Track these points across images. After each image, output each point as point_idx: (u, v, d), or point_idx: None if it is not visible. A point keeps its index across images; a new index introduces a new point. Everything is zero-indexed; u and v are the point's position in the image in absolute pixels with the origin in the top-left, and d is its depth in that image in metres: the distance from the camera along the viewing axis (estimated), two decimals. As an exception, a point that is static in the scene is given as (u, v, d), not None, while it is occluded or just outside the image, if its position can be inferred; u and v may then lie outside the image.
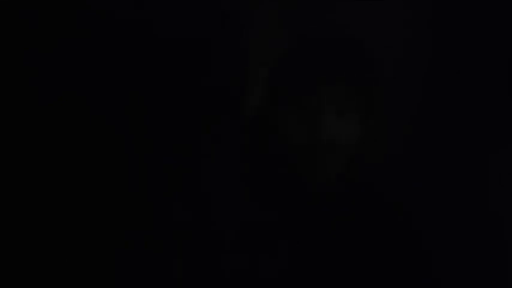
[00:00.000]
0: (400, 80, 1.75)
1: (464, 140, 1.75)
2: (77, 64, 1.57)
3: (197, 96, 1.59)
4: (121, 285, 1.46)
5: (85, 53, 1.57)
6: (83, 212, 1.52)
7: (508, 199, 1.69)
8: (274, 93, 1.50)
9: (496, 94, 1.73)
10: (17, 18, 1.56)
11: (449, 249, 1.66)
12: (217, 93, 1.59)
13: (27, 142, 1.55)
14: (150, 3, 1.60)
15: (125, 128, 1.57)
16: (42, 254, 1.51)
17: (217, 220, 1.46)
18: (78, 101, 1.56)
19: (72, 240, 1.51)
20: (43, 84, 1.56)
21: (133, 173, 1.54)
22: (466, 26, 1.74)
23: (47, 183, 1.54)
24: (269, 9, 1.64)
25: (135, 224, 1.49)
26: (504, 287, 1.66)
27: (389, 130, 1.73)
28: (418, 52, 1.76)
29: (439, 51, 1.76)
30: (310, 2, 1.66)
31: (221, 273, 1.44)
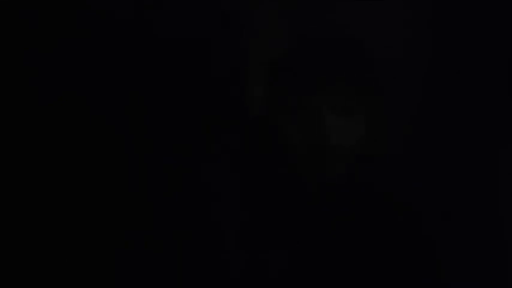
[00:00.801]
0: (400, 80, 1.75)
1: (464, 140, 1.75)
2: (77, 64, 1.57)
3: (197, 96, 1.59)
4: (121, 285, 1.46)
5: (85, 53, 1.57)
6: (83, 212, 1.52)
7: (508, 199, 1.69)
8: (274, 93, 1.50)
9: (496, 94, 1.73)
10: (17, 18, 1.56)
11: (450, 249, 1.66)
12: (217, 94, 1.59)
13: (27, 142, 1.55)
14: (150, 3, 1.60)
15: (125, 128, 1.57)
16: (42, 254, 1.51)
17: (217, 220, 1.46)
18: (79, 101, 1.56)
19: (72, 240, 1.51)
20: (43, 84, 1.56)
21: (133, 173, 1.54)
22: (466, 26, 1.74)
23: (47, 183, 1.54)
24: (269, 9, 1.64)
25: (135, 223, 1.49)
26: (504, 287, 1.66)
27: (390, 130, 1.72)
28: (418, 52, 1.76)
29: (439, 51, 1.76)
30: (310, 2, 1.66)
31: (221, 273, 1.44)
